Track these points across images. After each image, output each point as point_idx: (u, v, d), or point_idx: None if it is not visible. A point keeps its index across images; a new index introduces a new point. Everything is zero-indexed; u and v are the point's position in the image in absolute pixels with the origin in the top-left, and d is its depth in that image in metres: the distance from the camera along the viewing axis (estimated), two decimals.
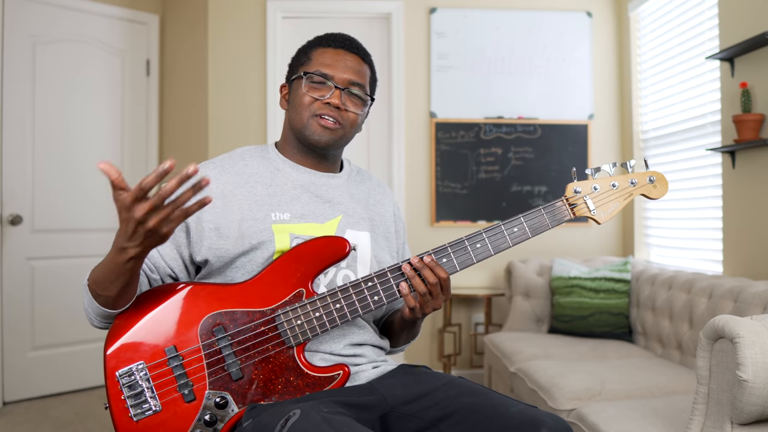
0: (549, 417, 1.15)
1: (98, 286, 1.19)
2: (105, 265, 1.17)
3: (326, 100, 1.35)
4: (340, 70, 1.37)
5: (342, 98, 1.36)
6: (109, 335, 1.23)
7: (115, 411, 1.18)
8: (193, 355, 1.21)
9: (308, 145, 1.40)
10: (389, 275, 1.27)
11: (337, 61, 1.38)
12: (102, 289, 1.19)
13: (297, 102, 1.38)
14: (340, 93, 1.36)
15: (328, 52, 1.39)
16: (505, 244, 1.30)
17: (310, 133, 1.37)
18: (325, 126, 1.36)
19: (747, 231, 2.77)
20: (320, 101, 1.36)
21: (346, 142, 1.43)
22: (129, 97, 3.92)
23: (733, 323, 1.48)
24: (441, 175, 3.89)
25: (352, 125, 1.40)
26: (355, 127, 1.42)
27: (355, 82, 1.38)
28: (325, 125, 1.36)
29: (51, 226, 3.60)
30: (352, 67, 1.39)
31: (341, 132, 1.38)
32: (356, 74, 1.39)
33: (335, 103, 1.35)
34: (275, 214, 1.33)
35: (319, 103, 1.36)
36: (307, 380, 1.24)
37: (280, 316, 1.24)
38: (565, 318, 3.23)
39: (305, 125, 1.37)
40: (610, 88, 4.00)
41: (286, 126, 1.44)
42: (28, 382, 3.49)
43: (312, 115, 1.36)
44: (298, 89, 1.38)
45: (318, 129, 1.36)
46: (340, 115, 1.37)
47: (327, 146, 1.39)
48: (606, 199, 1.35)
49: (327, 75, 1.36)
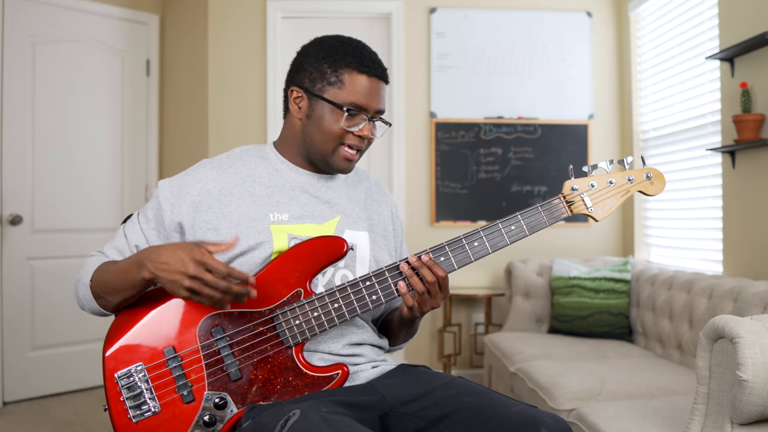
0: (549, 417, 1.15)
1: (102, 290, 1.24)
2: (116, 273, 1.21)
3: (358, 133, 1.34)
4: (375, 102, 1.35)
5: (371, 129, 1.36)
6: (108, 337, 1.23)
7: (115, 412, 1.18)
8: (191, 356, 1.21)
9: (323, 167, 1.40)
10: (387, 275, 1.27)
11: (372, 92, 1.34)
12: (105, 294, 1.24)
13: (326, 128, 1.33)
14: (370, 125, 1.36)
15: (363, 81, 1.33)
16: (503, 243, 1.30)
17: (335, 162, 1.36)
18: (350, 159, 1.36)
19: (747, 231, 2.77)
20: (351, 133, 1.34)
21: None
22: (129, 97, 3.92)
23: (733, 323, 1.48)
24: (441, 175, 3.89)
25: (368, 147, 1.41)
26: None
27: (381, 110, 1.38)
28: (349, 158, 1.36)
29: (51, 226, 3.61)
30: (383, 95, 1.37)
31: (359, 157, 1.40)
32: (384, 102, 1.38)
33: (366, 136, 1.35)
34: (273, 214, 1.33)
35: (351, 135, 1.34)
36: (306, 380, 1.24)
37: (278, 316, 1.24)
38: (565, 318, 3.23)
39: (332, 153, 1.36)
40: (610, 88, 4.00)
41: (295, 133, 1.40)
42: (28, 382, 3.49)
43: (340, 142, 1.35)
44: (329, 114, 1.33)
45: (343, 161, 1.36)
46: (365, 143, 1.38)
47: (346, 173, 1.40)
48: (603, 196, 1.34)
49: (363, 108, 1.34)
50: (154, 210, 1.34)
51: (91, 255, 1.37)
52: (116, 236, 1.38)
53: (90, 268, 1.31)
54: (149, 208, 1.36)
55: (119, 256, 1.34)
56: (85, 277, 1.30)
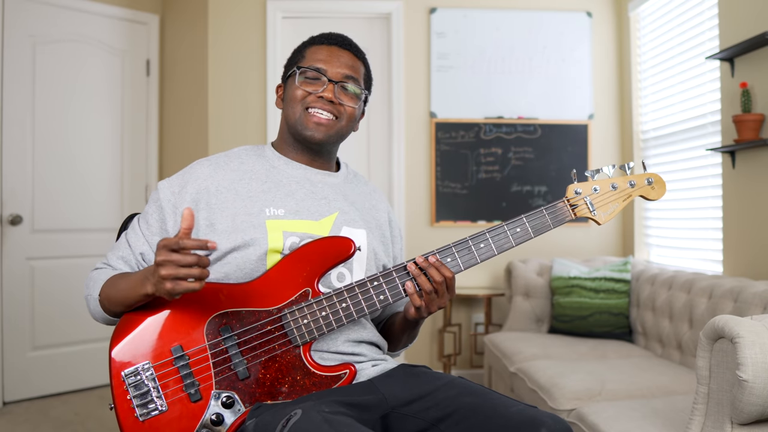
0: (549, 417, 1.16)
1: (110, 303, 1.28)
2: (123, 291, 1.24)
3: (319, 94, 1.37)
4: (334, 65, 1.39)
5: (336, 92, 1.38)
6: (115, 335, 1.23)
7: (121, 411, 1.18)
8: (199, 354, 1.21)
9: (303, 141, 1.41)
10: (394, 275, 1.28)
11: (330, 57, 1.40)
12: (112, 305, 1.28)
13: (290, 96, 1.41)
14: (334, 87, 1.38)
15: (321, 49, 1.41)
16: (508, 244, 1.32)
17: (303, 127, 1.39)
18: (319, 122, 1.38)
19: (747, 231, 2.78)
20: (313, 95, 1.38)
21: (340, 138, 1.44)
22: (129, 97, 3.92)
23: (733, 323, 1.48)
24: (441, 175, 3.90)
25: (350, 119, 1.42)
26: (352, 121, 1.43)
27: (350, 76, 1.40)
28: (318, 121, 1.38)
29: (51, 226, 3.60)
30: (346, 62, 1.41)
31: (337, 126, 1.40)
32: (350, 69, 1.41)
33: (328, 97, 1.37)
34: (270, 209, 1.33)
35: (313, 97, 1.38)
36: (313, 379, 1.24)
37: (286, 315, 1.25)
38: (565, 318, 3.24)
39: (297, 119, 1.39)
40: (610, 88, 4.01)
41: (282, 124, 1.46)
42: (28, 382, 3.49)
43: (304, 108, 1.38)
44: (292, 84, 1.41)
45: (312, 125, 1.38)
46: (335, 108, 1.39)
47: (321, 142, 1.40)
48: (606, 200, 1.37)
49: (321, 69, 1.38)
50: (156, 214, 1.35)
51: (96, 268, 1.38)
52: (119, 245, 1.38)
53: (99, 282, 1.32)
54: (150, 213, 1.36)
55: (126, 266, 1.35)
56: (95, 292, 1.32)
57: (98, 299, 1.31)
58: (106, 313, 1.31)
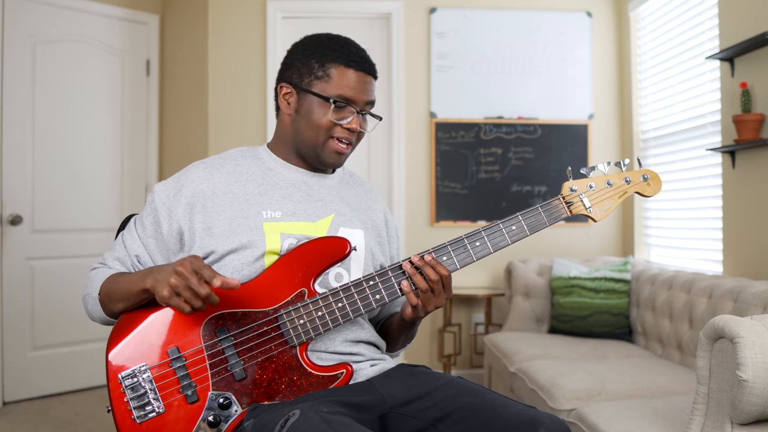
0: (547, 417, 1.16)
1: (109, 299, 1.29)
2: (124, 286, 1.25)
3: (347, 126, 1.35)
4: (363, 95, 1.36)
5: (360, 122, 1.37)
6: (111, 337, 1.23)
7: (118, 413, 1.18)
8: (196, 356, 1.21)
9: (314, 162, 1.41)
10: (390, 274, 1.28)
11: (359, 85, 1.35)
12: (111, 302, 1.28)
13: (314, 120, 1.35)
14: (359, 117, 1.37)
15: (350, 75, 1.35)
16: (504, 242, 1.32)
17: (326, 156, 1.38)
18: (340, 152, 1.38)
19: (747, 231, 2.77)
20: (340, 126, 1.35)
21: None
22: (129, 97, 3.92)
23: (733, 323, 1.48)
24: (441, 175, 3.90)
25: (359, 140, 1.42)
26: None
27: (371, 101, 1.39)
28: (340, 151, 1.37)
29: (51, 226, 3.60)
30: (371, 90, 1.39)
31: (350, 151, 1.41)
32: (372, 95, 1.39)
33: (355, 128, 1.36)
34: (266, 212, 1.33)
35: (339, 128, 1.36)
36: (310, 379, 1.24)
37: (282, 315, 1.25)
38: (565, 318, 3.24)
39: (321, 147, 1.37)
40: (610, 88, 4.01)
41: (287, 130, 1.42)
42: (28, 382, 3.49)
43: (329, 136, 1.36)
44: (317, 108, 1.35)
45: (333, 154, 1.38)
46: (355, 137, 1.39)
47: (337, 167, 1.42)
48: (602, 197, 1.37)
49: (351, 100, 1.35)
50: (151, 217, 1.35)
51: (94, 268, 1.38)
52: (116, 246, 1.39)
53: (97, 281, 1.33)
54: (145, 216, 1.36)
55: (122, 267, 1.36)
56: (94, 291, 1.33)
57: (97, 298, 1.32)
58: (104, 311, 1.32)
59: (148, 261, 1.36)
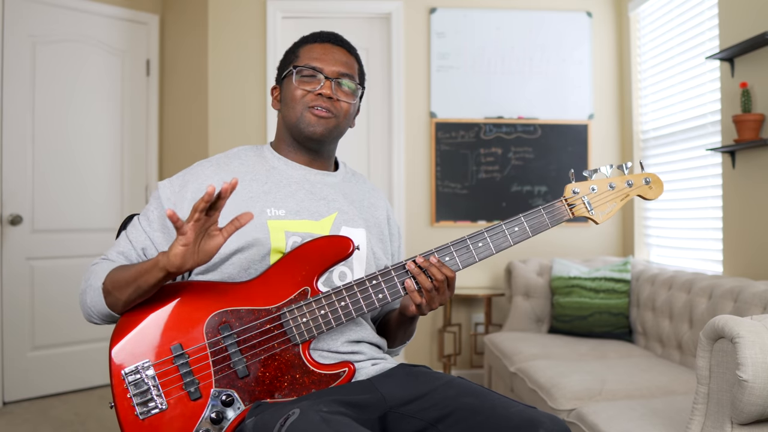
0: (547, 417, 1.16)
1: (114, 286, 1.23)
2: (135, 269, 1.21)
3: (318, 92, 1.37)
4: (329, 63, 1.40)
5: (333, 89, 1.39)
6: (115, 334, 1.23)
7: (121, 410, 1.18)
8: (199, 353, 1.21)
9: (303, 140, 1.41)
10: (393, 273, 1.28)
11: (325, 54, 1.41)
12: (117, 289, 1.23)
13: (289, 97, 1.41)
14: (331, 83, 1.39)
15: (315, 48, 1.42)
16: (506, 243, 1.32)
17: (305, 125, 1.39)
18: (319, 116, 1.38)
19: (747, 231, 2.78)
20: (312, 93, 1.38)
21: (339, 134, 1.45)
22: (129, 97, 3.92)
23: (733, 323, 1.48)
24: (441, 175, 3.90)
25: (345, 115, 1.42)
26: (347, 118, 1.44)
27: (345, 73, 1.41)
28: (318, 114, 1.38)
29: (51, 226, 3.60)
30: (340, 59, 1.42)
31: (334, 122, 1.40)
32: (345, 66, 1.42)
33: (327, 94, 1.37)
34: (271, 210, 1.34)
35: (311, 95, 1.38)
36: (312, 377, 1.24)
37: (285, 314, 1.25)
38: (565, 318, 3.24)
39: (299, 118, 1.39)
40: (610, 88, 4.01)
41: (280, 125, 1.47)
42: (28, 382, 3.49)
43: (305, 107, 1.38)
44: (289, 85, 1.41)
45: (312, 119, 1.38)
46: (332, 105, 1.39)
47: (322, 137, 1.40)
48: (604, 199, 1.37)
49: (316, 68, 1.39)
50: (157, 210, 1.35)
51: (95, 263, 1.34)
52: (119, 242, 1.36)
53: (101, 272, 1.28)
54: (151, 210, 1.35)
55: (126, 261, 1.33)
56: (97, 281, 1.27)
57: (101, 287, 1.26)
58: (106, 302, 1.25)
59: (154, 254, 1.32)
